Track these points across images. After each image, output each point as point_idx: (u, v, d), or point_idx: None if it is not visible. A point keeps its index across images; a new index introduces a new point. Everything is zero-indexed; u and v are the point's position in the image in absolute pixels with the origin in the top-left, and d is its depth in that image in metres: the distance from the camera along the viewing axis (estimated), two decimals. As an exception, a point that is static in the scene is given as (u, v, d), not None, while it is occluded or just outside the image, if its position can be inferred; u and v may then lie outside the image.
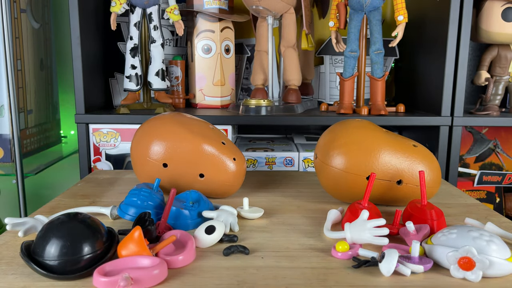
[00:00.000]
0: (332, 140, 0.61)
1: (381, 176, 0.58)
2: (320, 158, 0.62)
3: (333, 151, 0.60)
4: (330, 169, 0.60)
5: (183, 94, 1.14)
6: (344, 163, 0.59)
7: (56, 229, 0.43)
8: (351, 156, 0.59)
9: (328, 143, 0.61)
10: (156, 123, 0.65)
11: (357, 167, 0.58)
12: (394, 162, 0.58)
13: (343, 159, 0.59)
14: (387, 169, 0.58)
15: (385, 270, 0.42)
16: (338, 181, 0.60)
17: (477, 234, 0.43)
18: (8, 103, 0.97)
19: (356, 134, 0.60)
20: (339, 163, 0.59)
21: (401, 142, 0.60)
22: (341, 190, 0.61)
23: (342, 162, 0.59)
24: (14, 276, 0.42)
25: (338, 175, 0.59)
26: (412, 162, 0.59)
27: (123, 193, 0.69)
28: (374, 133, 0.60)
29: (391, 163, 0.58)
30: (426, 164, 0.60)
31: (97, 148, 0.96)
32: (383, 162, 0.58)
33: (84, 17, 0.96)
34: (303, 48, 1.06)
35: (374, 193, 0.60)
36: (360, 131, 0.61)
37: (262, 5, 0.95)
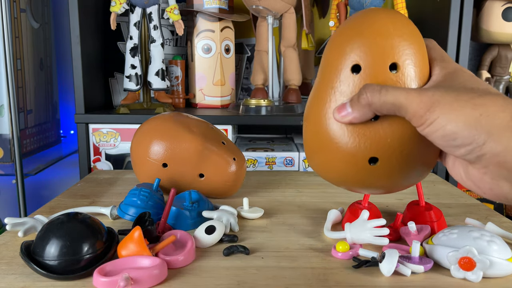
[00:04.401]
0: None
1: None
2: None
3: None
4: None
5: (183, 94, 1.14)
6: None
7: (56, 229, 0.43)
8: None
9: None
10: (156, 123, 0.65)
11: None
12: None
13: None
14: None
15: (385, 270, 0.42)
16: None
17: (478, 234, 0.43)
18: (8, 103, 0.97)
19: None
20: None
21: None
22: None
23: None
24: (14, 276, 0.42)
25: None
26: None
27: (123, 193, 0.69)
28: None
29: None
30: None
31: (97, 148, 0.96)
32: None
33: (84, 17, 0.96)
34: (303, 48, 1.06)
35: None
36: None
37: (262, 5, 0.95)
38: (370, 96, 0.32)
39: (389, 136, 0.33)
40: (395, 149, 0.34)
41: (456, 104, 0.29)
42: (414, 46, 0.34)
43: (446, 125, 0.29)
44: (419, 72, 0.34)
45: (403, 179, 0.36)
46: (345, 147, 0.35)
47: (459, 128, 0.29)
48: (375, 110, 0.32)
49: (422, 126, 0.31)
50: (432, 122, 0.30)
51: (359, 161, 0.35)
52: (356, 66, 0.35)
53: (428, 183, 0.78)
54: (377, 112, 0.32)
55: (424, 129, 0.31)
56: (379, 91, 0.31)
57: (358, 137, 0.34)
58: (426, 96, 0.30)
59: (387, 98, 0.31)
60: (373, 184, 0.37)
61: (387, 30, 0.34)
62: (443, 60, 0.34)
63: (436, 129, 0.30)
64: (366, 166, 0.35)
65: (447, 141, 0.30)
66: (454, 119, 0.29)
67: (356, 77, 0.34)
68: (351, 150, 0.35)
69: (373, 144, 0.34)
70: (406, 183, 0.37)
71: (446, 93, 0.30)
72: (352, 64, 0.35)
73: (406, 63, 0.33)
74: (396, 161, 0.34)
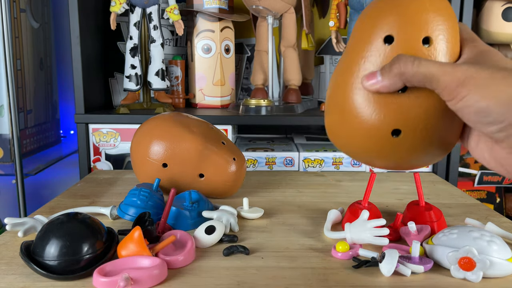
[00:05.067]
0: None
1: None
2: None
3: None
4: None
5: (183, 94, 1.14)
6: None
7: (56, 229, 0.43)
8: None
9: None
10: (156, 123, 0.65)
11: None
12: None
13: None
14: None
15: (385, 270, 0.42)
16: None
17: (478, 234, 0.43)
18: (8, 103, 0.97)
19: None
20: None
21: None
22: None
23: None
24: (14, 276, 0.42)
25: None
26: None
27: (123, 193, 0.69)
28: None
29: None
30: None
31: (97, 148, 0.96)
32: None
33: (84, 17, 0.96)
34: (303, 48, 1.06)
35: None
36: None
37: (262, 5, 0.95)
38: (403, 65, 0.32)
39: (415, 109, 0.33)
40: (420, 122, 0.34)
41: (490, 81, 0.29)
42: (448, 23, 0.34)
43: (480, 101, 0.29)
44: (450, 48, 0.34)
45: (423, 155, 0.36)
46: (369, 118, 0.35)
47: (493, 105, 0.29)
48: (406, 80, 0.32)
49: (454, 100, 0.31)
50: (464, 97, 0.30)
51: (382, 132, 0.35)
52: (388, 37, 0.35)
53: (428, 183, 0.78)
54: (408, 82, 0.32)
55: (456, 103, 0.30)
56: (412, 61, 0.31)
57: (383, 108, 0.34)
58: (460, 70, 0.30)
59: (420, 69, 0.31)
60: (393, 157, 0.37)
61: (423, 4, 0.34)
62: (474, 40, 0.34)
63: (468, 104, 0.30)
64: (389, 138, 0.35)
65: (479, 117, 0.30)
66: (488, 95, 0.29)
67: (388, 48, 0.34)
68: (374, 121, 0.35)
69: (397, 115, 0.34)
70: (424, 160, 0.37)
71: (481, 70, 0.30)
72: (385, 35, 0.35)
73: (439, 38, 0.34)
74: (419, 135, 0.34)
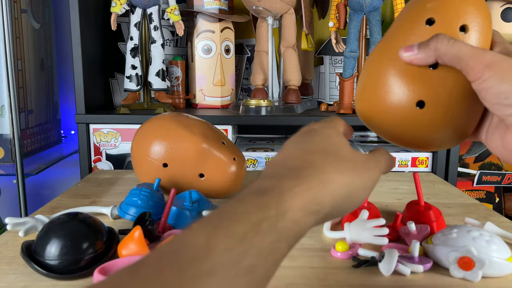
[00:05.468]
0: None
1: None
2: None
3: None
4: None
5: (183, 94, 1.14)
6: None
7: (57, 229, 0.43)
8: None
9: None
10: (156, 123, 0.65)
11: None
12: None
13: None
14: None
15: (385, 270, 0.42)
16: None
17: (477, 234, 0.44)
18: (9, 103, 0.97)
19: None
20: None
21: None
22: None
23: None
24: (14, 275, 0.42)
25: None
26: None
27: (123, 193, 0.70)
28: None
29: None
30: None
31: (98, 148, 0.96)
32: None
33: (85, 17, 0.96)
34: (303, 48, 1.06)
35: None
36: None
37: (262, 6, 0.95)
38: (439, 42, 0.35)
39: (441, 85, 0.37)
40: (443, 98, 0.37)
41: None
42: (484, 19, 0.38)
43: (501, 84, 0.32)
44: (483, 40, 0.38)
45: (440, 132, 0.38)
46: (399, 87, 0.38)
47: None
48: (439, 56, 0.35)
49: (478, 81, 0.33)
50: (488, 79, 0.32)
51: (408, 102, 0.37)
52: (430, 20, 0.38)
53: (427, 183, 0.78)
54: (440, 59, 0.35)
55: (480, 84, 0.33)
56: (448, 39, 0.35)
57: (412, 79, 0.37)
58: (489, 54, 0.33)
59: (453, 48, 0.34)
60: (413, 129, 0.39)
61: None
62: (505, 43, 0.38)
63: (490, 85, 0.32)
64: (413, 108, 0.37)
65: (498, 99, 0.32)
66: (510, 80, 0.32)
67: (428, 29, 0.38)
68: (403, 90, 0.38)
69: (424, 87, 0.37)
70: (439, 139, 0.39)
71: (506, 59, 0.33)
72: (428, 17, 0.38)
73: (475, 29, 0.37)
74: (440, 110, 0.37)
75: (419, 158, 0.97)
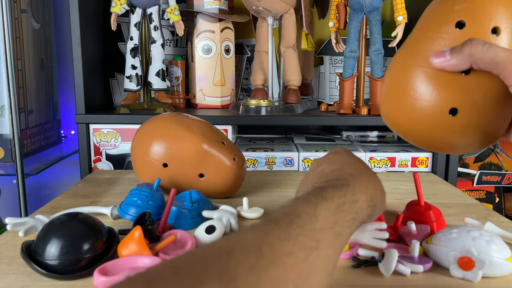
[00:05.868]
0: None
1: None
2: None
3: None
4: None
5: (183, 94, 1.14)
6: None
7: (57, 229, 0.43)
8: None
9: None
10: (156, 123, 0.65)
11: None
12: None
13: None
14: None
15: (385, 270, 0.42)
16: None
17: (477, 234, 0.44)
18: (9, 103, 0.97)
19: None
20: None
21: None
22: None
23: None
24: (14, 276, 0.42)
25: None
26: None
27: (123, 193, 0.70)
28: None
29: None
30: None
31: (98, 148, 0.96)
32: None
33: (85, 18, 0.96)
34: (303, 48, 1.06)
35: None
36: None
37: (262, 6, 0.95)
38: (474, 47, 0.34)
39: (476, 91, 0.35)
40: (477, 104, 0.35)
41: None
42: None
43: None
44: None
45: (474, 137, 0.37)
46: (430, 95, 0.36)
47: None
48: (474, 62, 0.34)
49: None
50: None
51: (440, 109, 0.36)
52: (460, 23, 0.37)
53: (427, 183, 0.78)
54: (475, 64, 0.34)
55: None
56: (483, 44, 0.34)
57: (444, 86, 0.36)
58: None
59: (489, 53, 0.33)
60: (445, 136, 0.38)
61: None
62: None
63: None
64: (445, 116, 0.36)
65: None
66: None
67: (458, 32, 0.36)
68: (435, 98, 0.36)
69: (457, 94, 0.36)
70: (474, 144, 0.38)
71: None
72: (457, 20, 0.37)
73: (506, 30, 0.36)
74: (475, 116, 0.36)
75: (419, 158, 0.97)
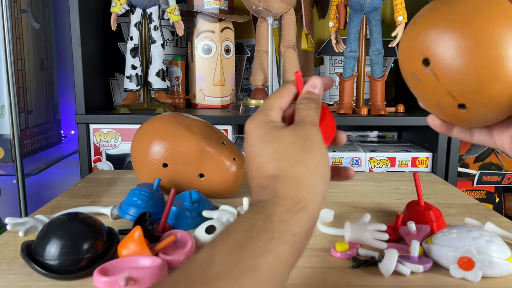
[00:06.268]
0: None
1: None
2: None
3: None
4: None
5: (183, 94, 1.14)
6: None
7: (57, 229, 0.43)
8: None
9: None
10: (156, 123, 0.65)
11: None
12: None
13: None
14: None
15: (385, 270, 0.42)
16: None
17: (477, 234, 0.44)
18: (9, 103, 0.97)
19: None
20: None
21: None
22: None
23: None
24: (14, 275, 0.42)
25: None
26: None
27: (123, 193, 0.70)
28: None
29: None
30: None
31: (98, 148, 0.96)
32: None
33: (85, 18, 0.96)
34: (303, 48, 1.06)
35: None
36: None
37: (262, 6, 0.95)
38: None
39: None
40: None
41: None
42: None
43: None
44: None
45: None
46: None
47: None
48: None
49: None
50: None
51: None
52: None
53: (427, 183, 0.78)
54: None
55: None
56: None
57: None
58: None
59: None
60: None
61: None
62: None
63: None
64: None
65: None
66: None
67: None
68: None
69: None
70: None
71: None
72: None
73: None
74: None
75: (419, 158, 0.97)
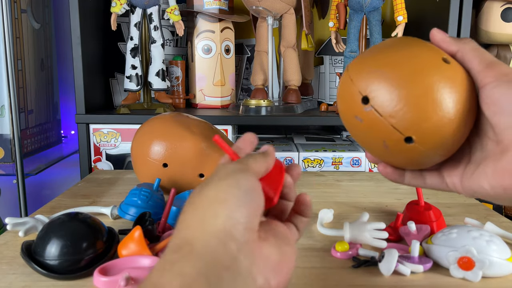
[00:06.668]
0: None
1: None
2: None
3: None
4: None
5: (183, 94, 1.14)
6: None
7: (57, 229, 0.43)
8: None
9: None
10: (156, 123, 0.65)
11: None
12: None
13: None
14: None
15: (385, 270, 0.42)
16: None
17: (477, 234, 0.44)
18: (9, 103, 0.97)
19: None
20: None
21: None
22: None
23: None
24: (14, 275, 0.42)
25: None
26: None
27: (123, 193, 0.70)
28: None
29: None
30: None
31: (98, 148, 0.96)
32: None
33: (85, 18, 0.96)
34: (303, 48, 1.06)
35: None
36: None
37: (262, 6, 0.95)
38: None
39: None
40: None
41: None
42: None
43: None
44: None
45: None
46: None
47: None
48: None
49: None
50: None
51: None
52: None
53: (427, 183, 0.78)
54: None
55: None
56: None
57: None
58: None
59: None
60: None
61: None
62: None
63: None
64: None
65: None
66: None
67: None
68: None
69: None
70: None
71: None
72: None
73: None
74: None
75: (419, 158, 0.97)
